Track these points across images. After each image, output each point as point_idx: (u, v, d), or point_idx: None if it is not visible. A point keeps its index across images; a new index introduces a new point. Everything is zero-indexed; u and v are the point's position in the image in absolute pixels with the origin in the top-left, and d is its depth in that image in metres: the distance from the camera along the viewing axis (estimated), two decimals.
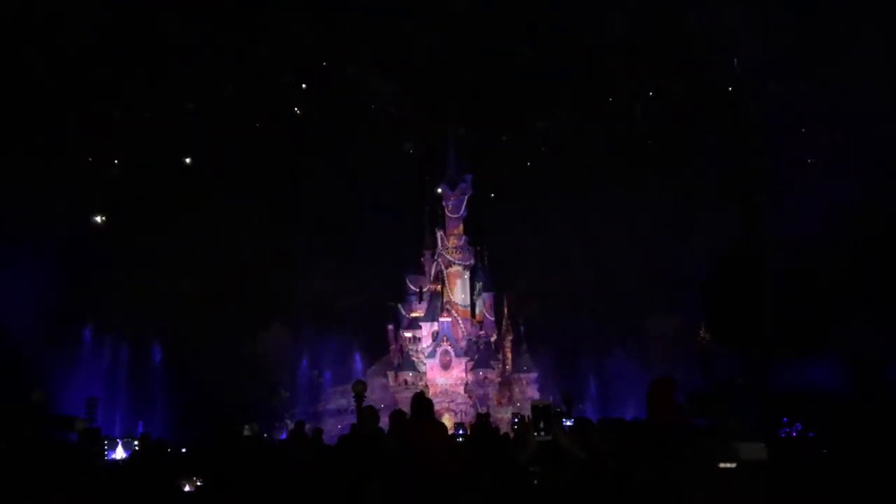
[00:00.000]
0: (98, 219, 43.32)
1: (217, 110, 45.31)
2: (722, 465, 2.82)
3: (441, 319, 45.09)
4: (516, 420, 35.26)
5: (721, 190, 37.57)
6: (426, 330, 45.57)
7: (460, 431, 25.04)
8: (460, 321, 45.84)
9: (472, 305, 47.26)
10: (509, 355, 45.82)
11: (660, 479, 3.84)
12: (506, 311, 46.82)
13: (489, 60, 46.96)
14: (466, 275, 46.95)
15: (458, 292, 46.58)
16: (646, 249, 45.09)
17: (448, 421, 38.25)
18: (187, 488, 10.62)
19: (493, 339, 46.31)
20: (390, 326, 46.82)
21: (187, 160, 46.14)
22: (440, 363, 44.18)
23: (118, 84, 42.40)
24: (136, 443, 16.91)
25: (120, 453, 22.11)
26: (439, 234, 46.94)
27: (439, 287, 46.45)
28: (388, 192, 46.64)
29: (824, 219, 27.45)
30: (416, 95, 47.28)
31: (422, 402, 7.89)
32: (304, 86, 47.37)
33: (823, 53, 33.07)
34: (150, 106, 44.52)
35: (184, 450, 18.92)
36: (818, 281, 28.63)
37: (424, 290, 47.10)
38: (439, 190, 47.34)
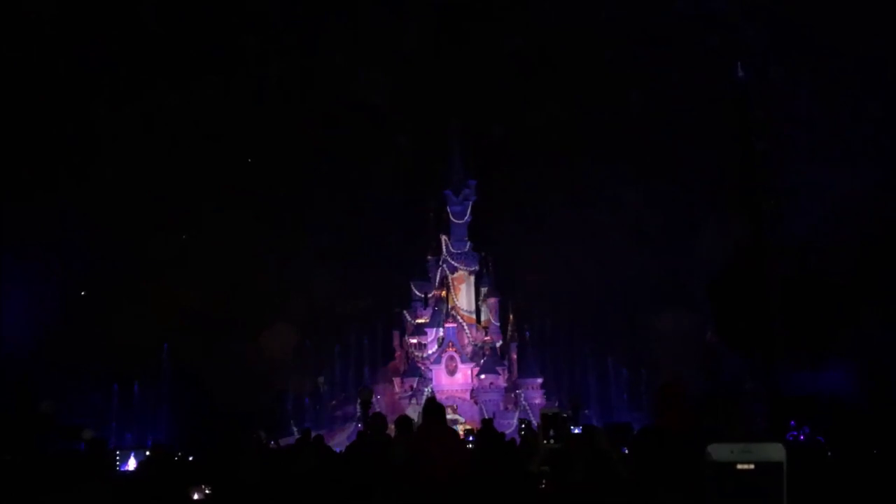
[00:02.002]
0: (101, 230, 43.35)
1: (219, 115, 45.37)
2: (740, 466, 2.82)
3: (446, 325, 45.04)
4: (522, 426, 35.25)
5: (728, 192, 37.47)
6: (431, 336, 45.53)
7: (470, 438, 24.94)
8: (466, 327, 45.80)
9: (478, 311, 47.24)
10: (515, 360, 45.80)
11: (674, 485, 3.83)
12: (511, 316, 46.79)
13: (493, 64, 47.05)
14: (471, 280, 46.93)
15: (463, 298, 46.55)
16: (652, 253, 45.06)
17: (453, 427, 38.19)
18: (196, 496, 10.62)
19: (498, 344, 46.26)
20: (396, 333, 46.81)
21: (191, 166, 46.14)
22: (446, 369, 44.13)
23: (118, 94, 42.55)
24: (147, 452, 16.86)
25: (132, 465, 21.96)
26: (444, 239, 46.93)
27: (444, 293, 46.43)
28: (393, 199, 46.69)
29: (833, 221, 27.33)
30: (419, 101, 47.34)
31: (433, 407, 7.69)
32: (305, 90, 47.46)
33: (828, 54, 33.01)
34: (148, 110, 44.55)
35: (191, 458, 18.93)
36: (827, 284, 28.49)
37: (429, 295, 47.07)
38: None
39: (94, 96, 41.44)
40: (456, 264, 46.31)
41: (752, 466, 2.74)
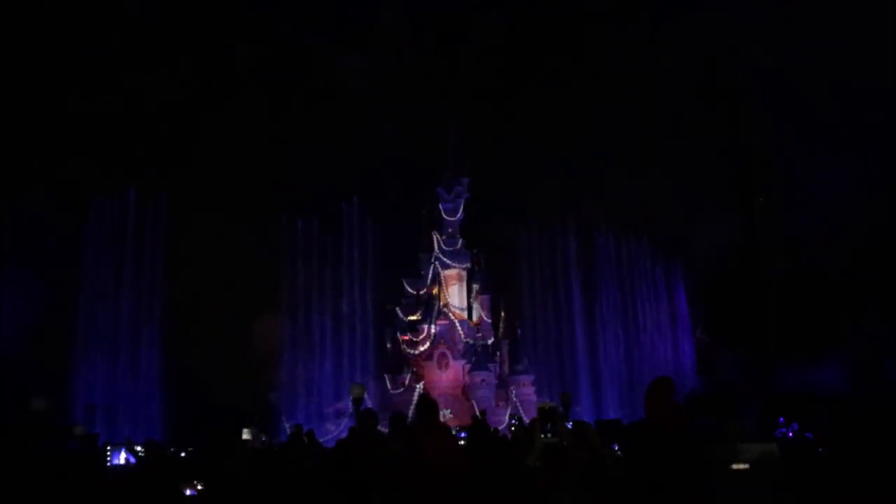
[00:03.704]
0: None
1: (209, 107, 45.19)
2: (735, 466, 2.87)
3: (438, 322, 45.08)
4: (514, 422, 35.31)
5: (725, 189, 37.54)
6: (423, 333, 45.55)
7: (463, 434, 24.99)
8: (457, 324, 45.83)
9: (469, 308, 47.26)
10: (507, 357, 45.89)
11: (668, 483, 3.85)
12: (502, 313, 46.88)
13: (489, 62, 47.07)
14: (463, 277, 46.97)
15: (455, 295, 46.60)
16: (649, 249, 45.22)
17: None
18: (188, 492, 10.62)
19: (490, 341, 46.30)
20: (387, 330, 46.78)
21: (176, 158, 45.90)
22: (437, 366, 44.16)
23: (101, 84, 42.35)
24: (139, 448, 16.85)
25: (122, 458, 21.93)
26: (436, 236, 46.96)
27: (436, 290, 46.46)
28: (386, 195, 46.66)
29: (829, 219, 27.40)
30: (412, 98, 47.29)
31: (427, 404, 7.64)
32: (298, 84, 47.35)
33: (829, 51, 33.05)
34: (131, 99, 44.27)
35: (183, 454, 18.92)
36: (823, 281, 28.59)
37: (421, 293, 47.06)
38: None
39: (85, 90, 41.24)
40: (448, 262, 46.34)
41: (746, 466, 2.78)
